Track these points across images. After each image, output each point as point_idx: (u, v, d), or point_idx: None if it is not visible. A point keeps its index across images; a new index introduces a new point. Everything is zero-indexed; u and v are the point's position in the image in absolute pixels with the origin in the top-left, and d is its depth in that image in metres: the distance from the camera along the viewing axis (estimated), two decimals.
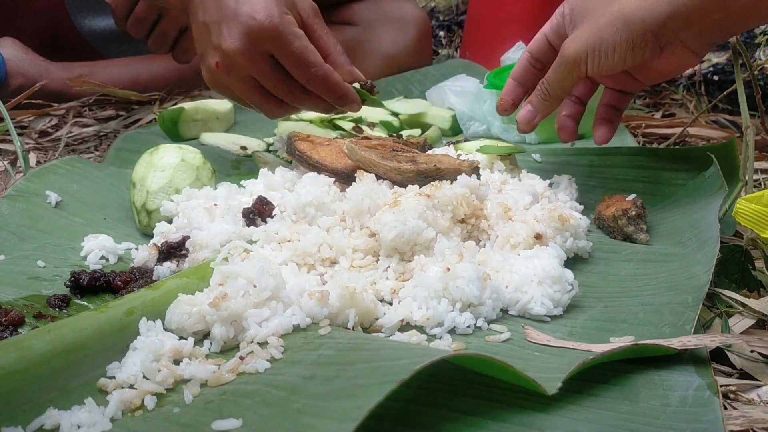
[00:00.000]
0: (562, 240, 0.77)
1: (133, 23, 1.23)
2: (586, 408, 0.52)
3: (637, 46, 0.77)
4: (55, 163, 0.92)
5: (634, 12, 0.76)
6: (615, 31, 0.78)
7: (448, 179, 0.80)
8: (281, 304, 0.64)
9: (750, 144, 0.87)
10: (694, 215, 0.85)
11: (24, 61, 1.34)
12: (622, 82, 0.89)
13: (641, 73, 0.84)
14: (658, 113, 1.49)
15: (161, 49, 1.26)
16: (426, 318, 0.65)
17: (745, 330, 0.67)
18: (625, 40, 0.77)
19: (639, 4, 0.76)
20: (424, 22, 1.54)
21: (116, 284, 0.71)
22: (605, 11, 0.79)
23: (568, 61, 0.83)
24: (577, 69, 0.83)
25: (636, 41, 0.77)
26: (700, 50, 0.78)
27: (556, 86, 0.87)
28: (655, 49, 0.77)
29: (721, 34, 0.77)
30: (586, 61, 0.81)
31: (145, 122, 1.33)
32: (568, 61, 0.83)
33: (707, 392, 0.53)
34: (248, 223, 0.78)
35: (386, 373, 0.49)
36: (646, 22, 0.76)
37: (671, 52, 0.77)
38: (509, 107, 0.93)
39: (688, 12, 0.73)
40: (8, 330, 0.61)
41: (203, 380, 0.56)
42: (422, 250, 0.73)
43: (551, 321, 0.68)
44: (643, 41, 0.77)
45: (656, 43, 0.77)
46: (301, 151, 0.88)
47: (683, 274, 0.72)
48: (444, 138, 1.26)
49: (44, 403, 0.52)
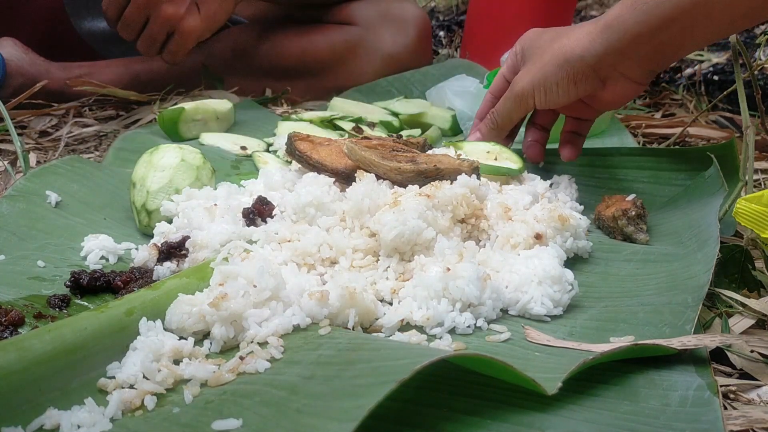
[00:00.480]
0: (562, 240, 0.77)
1: (122, 26, 1.24)
2: (586, 408, 0.52)
3: (579, 81, 0.84)
4: (55, 163, 0.92)
5: (573, 50, 0.83)
6: (557, 68, 0.85)
7: (448, 179, 0.80)
8: (281, 304, 0.64)
9: (750, 144, 0.87)
10: (694, 215, 0.85)
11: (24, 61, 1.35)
12: (577, 111, 0.94)
13: (592, 101, 0.90)
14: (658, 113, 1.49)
15: (150, 51, 1.27)
16: (426, 318, 0.65)
17: (745, 330, 0.67)
18: (566, 76, 0.84)
19: (578, 42, 0.83)
20: (424, 21, 1.54)
21: (116, 284, 0.71)
22: (549, 49, 0.86)
23: (516, 95, 0.91)
24: (524, 102, 0.90)
25: (577, 76, 0.84)
26: (641, 79, 0.84)
27: (504, 116, 0.94)
28: (597, 82, 0.84)
29: (656, 63, 0.82)
30: (532, 96, 0.89)
31: (145, 122, 1.33)
32: (516, 95, 0.91)
33: (707, 392, 0.53)
34: (248, 223, 0.78)
35: (386, 373, 0.49)
36: (584, 58, 0.82)
37: (614, 83, 0.84)
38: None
39: (621, 47, 0.79)
40: (8, 330, 0.61)
41: (203, 380, 0.56)
42: (422, 250, 0.73)
43: (551, 321, 0.68)
44: (584, 76, 0.84)
45: (596, 76, 0.83)
46: (301, 151, 0.88)
47: (683, 274, 0.72)
48: (444, 138, 1.26)
49: (44, 403, 0.52)
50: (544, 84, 0.87)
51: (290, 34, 1.49)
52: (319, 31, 1.49)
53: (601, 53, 0.81)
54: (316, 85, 1.49)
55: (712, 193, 0.86)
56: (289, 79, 1.48)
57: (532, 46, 0.90)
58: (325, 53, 1.47)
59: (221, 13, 1.30)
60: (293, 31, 1.49)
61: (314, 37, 1.48)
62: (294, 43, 1.48)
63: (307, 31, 1.49)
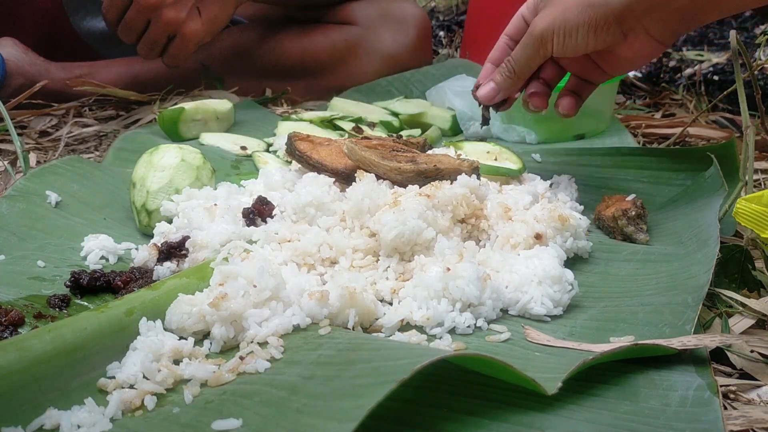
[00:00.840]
0: (562, 240, 0.77)
1: (123, 29, 1.24)
2: (586, 408, 0.52)
3: (599, 29, 0.78)
4: (55, 163, 0.92)
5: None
6: (579, 11, 0.79)
7: (448, 179, 0.80)
8: (281, 304, 0.64)
9: (750, 144, 0.87)
10: (694, 215, 0.85)
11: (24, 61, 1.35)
12: (586, 70, 0.89)
13: (606, 60, 0.85)
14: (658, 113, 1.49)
15: (150, 54, 1.27)
16: (426, 318, 0.65)
17: (745, 330, 0.67)
18: (587, 22, 0.78)
19: None
20: (424, 21, 1.54)
21: (116, 284, 0.71)
22: None
23: (535, 39, 0.83)
24: (543, 47, 0.83)
25: (599, 23, 0.78)
26: (663, 39, 0.79)
27: (522, 63, 0.87)
28: (618, 34, 0.79)
29: (684, 23, 0.78)
30: (552, 40, 0.82)
31: (145, 122, 1.33)
32: (535, 39, 0.83)
33: (707, 392, 0.53)
34: (248, 223, 0.78)
35: (386, 373, 0.49)
36: (610, 4, 0.77)
37: (634, 38, 0.79)
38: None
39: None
40: (8, 330, 0.61)
41: (203, 380, 0.56)
42: (422, 250, 0.73)
43: (551, 321, 0.68)
44: (606, 23, 0.78)
45: (618, 28, 0.78)
46: (301, 151, 0.88)
47: (683, 274, 0.72)
48: (444, 138, 1.26)
49: (44, 403, 0.52)
50: (564, 27, 0.80)
51: (290, 34, 1.49)
52: (319, 31, 1.49)
53: (628, 1, 0.76)
54: (316, 85, 1.49)
55: (712, 193, 0.86)
56: (289, 79, 1.48)
57: None
58: (325, 53, 1.47)
59: (222, 17, 1.30)
60: (293, 31, 1.49)
61: (314, 37, 1.48)
62: (294, 43, 1.48)
63: (307, 31, 1.49)
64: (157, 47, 1.26)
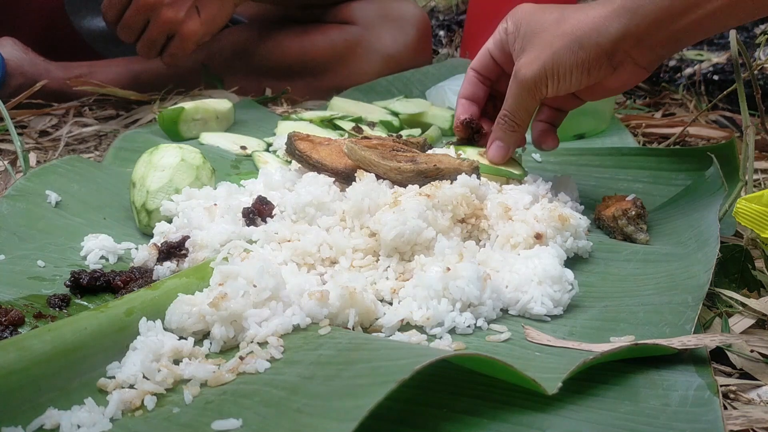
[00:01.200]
0: (562, 240, 0.77)
1: (122, 28, 1.24)
2: (586, 408, 0.52)
3: (592, 68, 0.78)
4: (55, 163, 0.92)
5: (588, 34, 0.77)
6: (571, 53, 0.78)
7: (448, 179, 0.80)
8: (281, 304, 0.64)
9: (750, 144, 0.87)
10: (694, 215, 0.85)
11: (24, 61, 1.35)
12: (562, 102, 0.89)
13: (590, 91, 0.85)
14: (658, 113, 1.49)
15: (150, 53, 1.28)
16: (426, 318, 0.65)
17: (745, 330, 0.67)
18: (580, 63, 0.78)
19: (592, 26, 0.76)
20: (424, 21, 1.54)
21: (116, 284, 0.71)
22: (557, 32, 0.79)
23: (529, 86, 0.82)
24: (538, 92, 0.83)
25: (591, 63, 0.78)
26: (649, 65, 0.79)
27: (522, 113, 0.86)
28: (609, 69, 0.79)
29: (670, 48, 0.78)
30: (546, 84, 0.81)
31: (145, 122, 1.33)
32: (528, 86, 0.82)
33: (707, 392, 0.53)
34: (248, 223, 0.78)
35: (386, 373, 0.49)
36: (600, 44, 0.76)
37: (623, 69, 0.79)
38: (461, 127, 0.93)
39: (638, 32, 0.75)
40: (8, 330, 0.61)
41: (203, 380, 0.56)
42: (422, 250, 0.73)
43: (551, 321, 0.68)
44: (598, 62, 0.78)
45: (609, 64, 0.78)
46: (301, 151, 0.88)
47: (683, 274, 0.72)
48: (444, 138, 1.26)
49: (44, 403, 0.52)
50: (557, 72, 0.79)
51: (290, 34, 1.49)
52: (319, 31, 1.49)
53: (617, 38, 0.75)
54: (316, 85, 1.49)
55: (712, 193, 0.86)
56: (289, 78, 1.48)
57: (531, 26, 0.83)
58: (325, 53, 1.47)
59: (221, 17, 1.30)
60: (293, 31, 1.49)
61: (314, 36, 1.48)
62: (294, 42, 1.48)
63: (307, 30, 1.49)
64: (156, 46, 1.27)
